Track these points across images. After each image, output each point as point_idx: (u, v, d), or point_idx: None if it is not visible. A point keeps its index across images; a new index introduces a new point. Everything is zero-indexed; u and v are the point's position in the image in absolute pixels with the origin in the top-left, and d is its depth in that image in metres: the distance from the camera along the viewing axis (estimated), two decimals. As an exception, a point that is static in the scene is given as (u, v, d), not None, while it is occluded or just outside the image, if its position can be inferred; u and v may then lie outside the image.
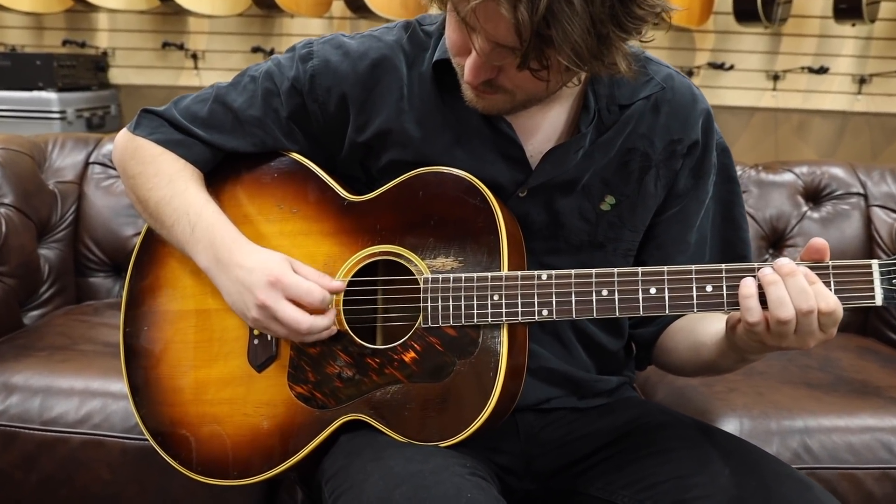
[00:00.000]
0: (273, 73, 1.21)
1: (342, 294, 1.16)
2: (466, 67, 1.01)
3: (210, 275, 1.18)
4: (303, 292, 1.10)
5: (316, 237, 1.20)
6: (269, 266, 1.12)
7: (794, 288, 0.94)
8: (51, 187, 2.03)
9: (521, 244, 1.16)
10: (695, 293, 1.03)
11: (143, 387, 1.25)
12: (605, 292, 1.06)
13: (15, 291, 1.85)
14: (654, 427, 1.19)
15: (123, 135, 1.29)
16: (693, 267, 1.03)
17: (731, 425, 1.51)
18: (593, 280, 1.06)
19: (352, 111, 1.19)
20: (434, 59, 1.14)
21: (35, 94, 3.27)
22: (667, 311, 1.04)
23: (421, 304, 1.10)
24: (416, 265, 1.12)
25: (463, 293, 1.08)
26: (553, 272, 1.08)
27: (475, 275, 1.08)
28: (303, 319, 1.10)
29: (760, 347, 1.01)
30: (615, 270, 1.06)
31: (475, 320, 1.08)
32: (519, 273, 1.09)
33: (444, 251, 1.12)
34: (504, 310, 1.08)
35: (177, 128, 1.25)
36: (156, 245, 1.27)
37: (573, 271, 1.07)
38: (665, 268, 1.04)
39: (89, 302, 2.05)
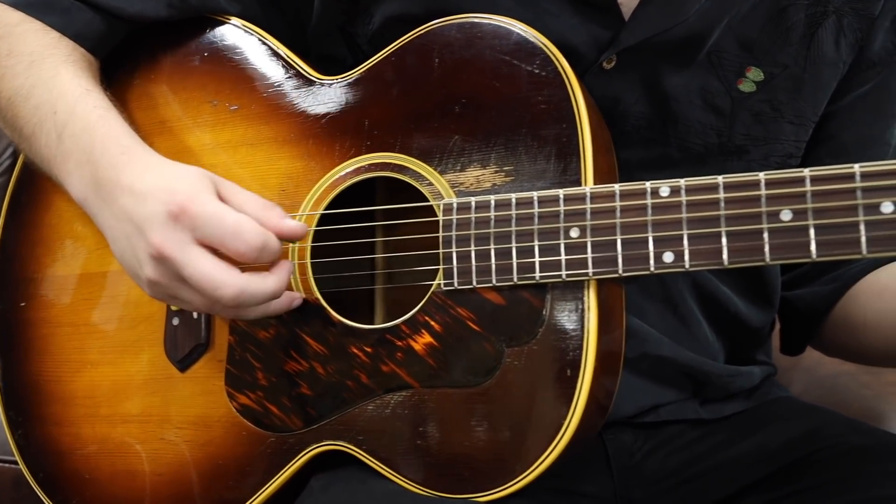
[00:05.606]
0: None
1: (309, 239, 0.75)
2: None
3: (88, 209, 0.76)
4: (227, 231, 0.65)
5: (267, 148, 0.81)
6: (172, 188, 0.67)
7: None
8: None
9: (609, 144, 0.75)
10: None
11: (19, 394, 0.89)
12: (786, 215, 0.58)
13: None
14: (844, 454, 0.78)
15: None
16: None
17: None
18: (762, 193, 0.59)
19: None
20: None
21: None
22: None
23: (441, 251, 0.69)
24: (430, 183, 0.71)
25: (514, 227, 0.68)
26: (682, 183, 0.63)
27: (535, 194, 0.67)
28: (227, 280, 0.65)
29: None
30: (805, 173, 0.57)
31: (537, 275, 0.66)
32: (616, 187, 0.64)
33: (478, 157, 0.71)
34: (590, 254, 0.65)
35: None
36: (39, 177, 0.89)
37: (721, 179, 0.61)
38: None
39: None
